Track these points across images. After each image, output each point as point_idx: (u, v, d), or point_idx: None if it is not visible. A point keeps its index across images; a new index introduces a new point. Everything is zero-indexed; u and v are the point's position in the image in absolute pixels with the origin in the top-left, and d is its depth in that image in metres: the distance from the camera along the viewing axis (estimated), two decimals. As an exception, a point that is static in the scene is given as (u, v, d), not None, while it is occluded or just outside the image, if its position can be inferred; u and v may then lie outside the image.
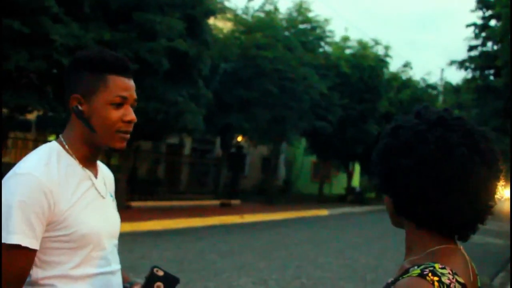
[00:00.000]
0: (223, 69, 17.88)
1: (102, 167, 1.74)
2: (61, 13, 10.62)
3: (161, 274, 1.56)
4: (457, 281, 1.18)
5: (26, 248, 1.44)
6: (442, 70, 62.62)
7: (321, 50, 23.48)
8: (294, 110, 20.13)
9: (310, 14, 22.32)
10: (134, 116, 1.60)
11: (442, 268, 1.19)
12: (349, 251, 11.21)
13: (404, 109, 27.79)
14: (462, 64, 18.35)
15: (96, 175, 1.65)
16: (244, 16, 20.85)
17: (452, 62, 18.91)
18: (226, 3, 19.19)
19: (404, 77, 31.69)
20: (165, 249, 9.62)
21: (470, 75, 18.94)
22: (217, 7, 16.37)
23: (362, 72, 25.06)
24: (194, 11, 14.06)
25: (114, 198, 1.77)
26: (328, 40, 23.94)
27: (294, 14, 22.17)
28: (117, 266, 1.67)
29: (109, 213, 1.67)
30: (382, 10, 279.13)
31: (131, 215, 12.76)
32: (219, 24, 19.20)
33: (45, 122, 15.34)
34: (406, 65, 31.13)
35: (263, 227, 14.72)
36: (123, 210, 12.18)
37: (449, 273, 1.18)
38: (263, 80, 18.73)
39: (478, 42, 17.89)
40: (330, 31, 23.44)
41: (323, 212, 21.50)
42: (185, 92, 13.97)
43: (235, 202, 20.15)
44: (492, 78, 17.66)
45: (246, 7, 21.01)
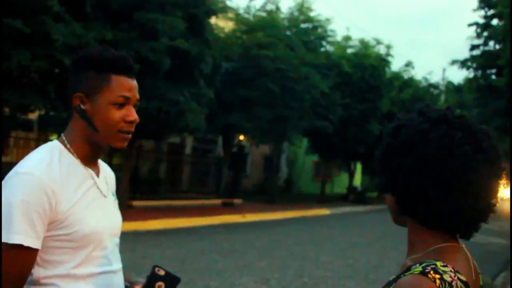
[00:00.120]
0: (225, 68, 17.87)
1: (103, 166, 1.73)
2: (62, 12, 10.62)
3: (162, 273, 1.57)
4: (459, 279, 1.18)
5: (28, 247, 1.44)
6: (444, 70, 62.56)
7: (322, 49, 23.46)
8: (295, 110, 20.13)
9: (312, 14, 22.34)
10: (136, 116, 1.60)
11: (444, 266, 1.19)
12: (350, 251, 11.21)
13: (406, 108, 27.70)
14: (464, 63, 18.31)
15: (97, 174, 1.65)
16: (245, 15, 20.87)
17: (454, 62, 18.87)
18: (228, 3, 19.21)
19: (406, 76, 31.66)
20: (166, 248, 9.62)
21: (472, 75, 18.91)
22: (218, 7, 16.36)
23: (364, 71, 25.04)
24: (195, 11, 14.06)
25: (116, 197, 1.76)
26: (329, 39, 23.93)
27: (296, 13, 22.17)
28: (118, 265, 1.67)
29: (110, 212, 1.66)
30: (383, 10, 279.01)
31: (133, 214, 12.77)
32: (221, 23, 19.18)
33: (47, 121, 15.35)
34: (408, 64, 31.08)
35: (265, 227, 14.72)
36: (125, 209, 12.20)
37: (451, 271, 1.18)
38: (265, 79, 18.73)
39: (480, 41, 17.88)
40: (332, 31, 23.46)
41: (325, 211, 21.50)
42: (186, 91, 13.96)
43: (237, 201, 20.15)
44: (494, 77, 17.61)
45: (248, 7, 21.08)
